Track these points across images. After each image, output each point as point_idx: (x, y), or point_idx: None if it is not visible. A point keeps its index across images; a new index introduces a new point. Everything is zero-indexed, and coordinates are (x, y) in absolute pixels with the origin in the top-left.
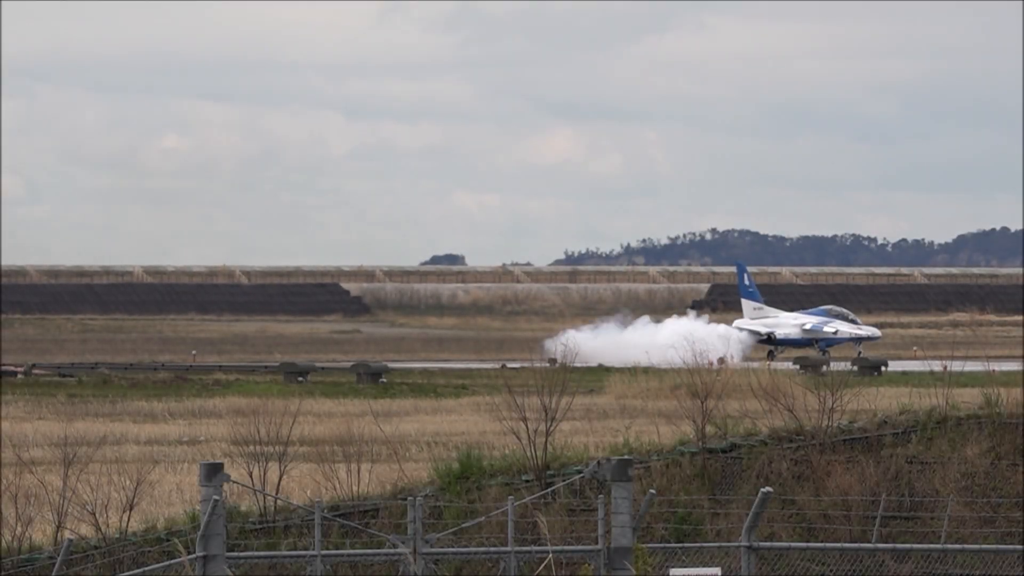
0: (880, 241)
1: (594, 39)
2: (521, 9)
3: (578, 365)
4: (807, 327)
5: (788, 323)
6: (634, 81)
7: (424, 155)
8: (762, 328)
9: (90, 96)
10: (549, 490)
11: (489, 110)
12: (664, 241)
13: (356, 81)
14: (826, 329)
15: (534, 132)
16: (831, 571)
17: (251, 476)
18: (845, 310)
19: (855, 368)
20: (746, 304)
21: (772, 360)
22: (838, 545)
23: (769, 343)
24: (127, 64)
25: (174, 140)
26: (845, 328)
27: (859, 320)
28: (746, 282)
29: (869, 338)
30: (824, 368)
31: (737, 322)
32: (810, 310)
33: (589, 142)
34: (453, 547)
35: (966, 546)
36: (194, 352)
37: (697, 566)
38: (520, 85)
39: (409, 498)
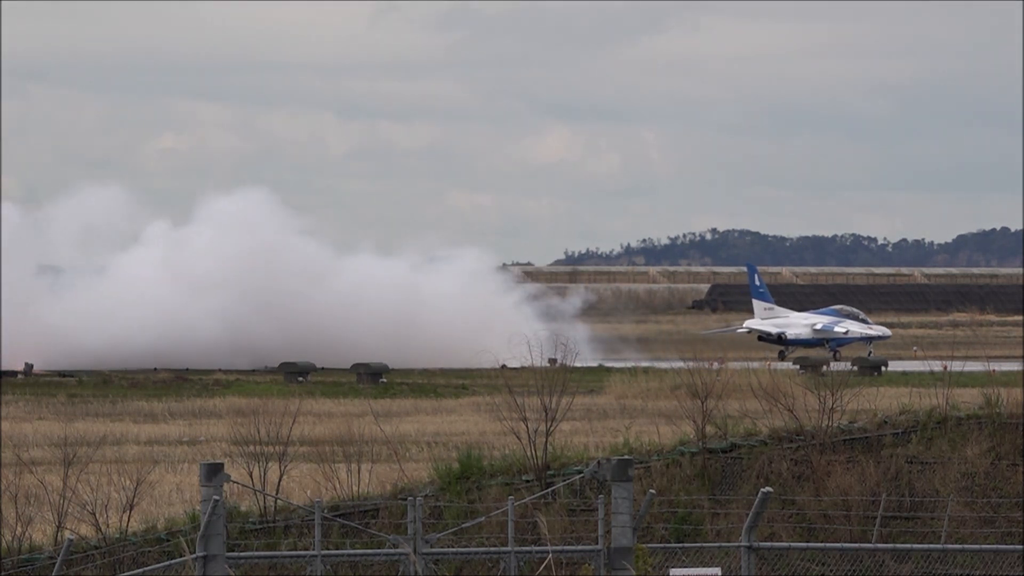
0: (880, 241)
1: (589, 39)
2: (515, 9)
3: (578, 365)
4: (818, 327)
5: (799, 323)
6: (630, 82)
7: (420, 155)
8: (772, 328)
9: (86, 96)
10: (549, 490)
11: (484, 110)
12: (664, 241)
13: (351, 81)
14: (837, 329)
15: (530, 132)
16: (831, 571)
17: (251, 476)
18: (856, 310)
19: (855, 368)
20: (757, 304)
21: (783, 360)
22: (838, 545)
23: (780, 343)
24: (123, 64)
25: (171, 140)
26: (856, 328)
27: (870, 320)
28: (757, 283)
29: (880, 337)
30: (824, 368)
31: (748, 322)
32: (821, 310)
33: (585, 142)
34: (453, 547)
35: (966, 546)
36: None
37: (697, 566)
38: (515, 85)
39: (409, 498)
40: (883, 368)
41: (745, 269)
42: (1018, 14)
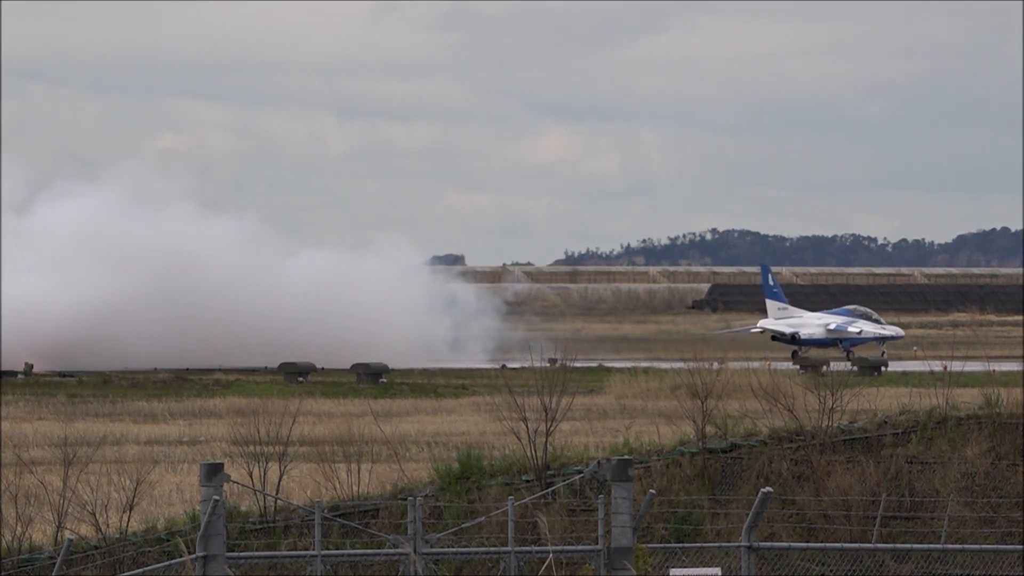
0: (880, 241)
1: (589, 39)
2: (515, 9)
3: (578, 365)
4: (831, 327)
5: (812, 323)
6: (630, 82)
7: (419, 155)
8: (786, 328)
9: (85, 96)
10: (549, 490)
11: (483, 110)
12: (664, 241)
13: (351, 81)
14: (850, 329)
15: (528, 132)
16: (831, 571)
17: (251, 476)
18: (869, 310)
19: (855, 368)
20: (770, 304)
21: (795, 360)
22: (838, 545)
23: (793, 343)
24: (122, 64)
25: (171, 140)
26: (869, 328)
27: (883, 320)
28: (771, 282)
29: (893, 337)
30: (824, 368)
31: (762, 322)
32: (834, 310)
33: (585, 142)
34: (453, 547)
35: (966, 546)
36: None
37: (697, 566)
38: (514, 85)
39: (409, 498)
40: (883, 368)
41: (745, 269)
42: (1018, 14)
